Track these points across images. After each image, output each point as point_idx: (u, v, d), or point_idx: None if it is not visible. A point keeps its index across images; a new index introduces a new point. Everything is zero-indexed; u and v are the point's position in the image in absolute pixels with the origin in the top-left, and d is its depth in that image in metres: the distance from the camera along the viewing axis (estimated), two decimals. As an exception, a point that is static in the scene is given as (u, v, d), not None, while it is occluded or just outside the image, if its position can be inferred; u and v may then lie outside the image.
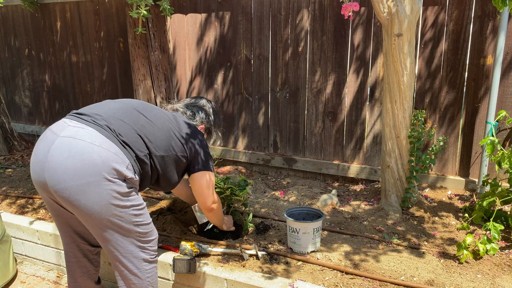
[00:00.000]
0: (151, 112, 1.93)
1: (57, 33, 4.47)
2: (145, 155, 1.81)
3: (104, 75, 4.29)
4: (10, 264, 2.54)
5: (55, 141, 1.67)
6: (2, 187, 3.34)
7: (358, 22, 3.10)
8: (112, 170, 1.66)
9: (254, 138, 3.67)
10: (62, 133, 1.69)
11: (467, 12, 2.80)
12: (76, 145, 1.65)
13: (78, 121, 1.75)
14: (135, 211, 1.76)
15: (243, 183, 2.50)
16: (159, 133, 1.88)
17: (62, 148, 1.65)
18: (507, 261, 2.13)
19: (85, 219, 1.70)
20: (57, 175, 1.63)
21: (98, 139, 1.68)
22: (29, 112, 4.95)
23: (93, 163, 1.63)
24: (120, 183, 1.69)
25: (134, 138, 1.78)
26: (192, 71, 3.80)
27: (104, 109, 1.84)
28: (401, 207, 2.71)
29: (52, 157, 1.65)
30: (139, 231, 1.78)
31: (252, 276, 2.00)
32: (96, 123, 1.74)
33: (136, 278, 1.83)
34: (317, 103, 3.35)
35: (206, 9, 3.61)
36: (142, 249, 1.82)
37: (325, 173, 3.40)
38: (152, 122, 1.89)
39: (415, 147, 2.66)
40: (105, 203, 1.65)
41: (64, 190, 1.63)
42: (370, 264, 2.10)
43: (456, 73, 2.91)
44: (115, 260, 1.80)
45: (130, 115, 1.84)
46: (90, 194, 1.63)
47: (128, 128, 1.79)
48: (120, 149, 1.72)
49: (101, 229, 1.71)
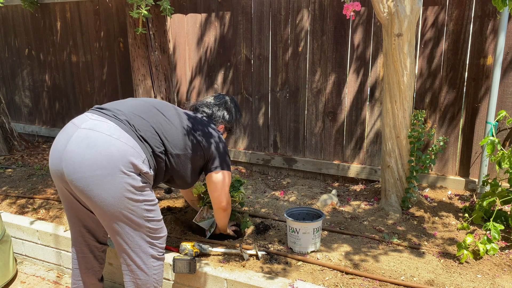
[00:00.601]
0: (170, 111, 1.99)
1: (57, 33, 4.47)
2: (161, 151, 1.87)
3: (104, 75, 4.29)
4: (10, 264, 2.54)
5: (75, 133, 1.72)
6: (2, 187, 3.34)
7: (358, 22, 3.10)
8: (128, 164, 1.70)
9: (254, 138, 3.67)
10: (82, 125, 1.74)
11: (467, 12, 2.80)
12: (94, 137, 1.69)
13: (99, 115, 1.80)
14: (147, 206, 1.78)
15: (237, 184, 2.49)
16: (176, 131, 1.93)
17: (81, 139, 1.69)
18: (507, 261, 2.13)
19: (98, 210, 1.72)
20: (74, 165, 1.66)
21: (117, 133, 1.73)
22: (29, 112, 4.95)
23: (110, 155, 1.67)
24: (135, 177, 1.72)
25: (151, 135, 1.83)
26: (192, 71, 3.80)
27: (125, 105, 1.90)
28: (401, 207, 2.71)
29: (71, 147, 1.69)
30: (149, 227, 1.80)
31: (252, 276, 2.00)
32: (117, 117, 1.79)
33: (142, 274, 1.84)
34: (317, 103, 3.35)
35: (206, 9, 3.61)
36: (151, 245, 1.84)
37: (325, 173, 3.40)
38: (170, 121, 1.94)
39: (415, 147, 2.66)
40: (119, 196, 1.68)
41: (79, 180, 1.66)
42: (370, 264, 2.10)
43: (456, 73, 2.91)
44: (123, 253, 1.81)
45: (149, 112, 1.90)
46: (105, 185, 1.66)
47: (146, 125, 1.84)
48: (137, 143, 1.76)
49: (112, 221, 1.73)
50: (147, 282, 1.86)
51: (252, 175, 3.63)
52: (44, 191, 3.21)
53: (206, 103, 2.28)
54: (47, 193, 3.16)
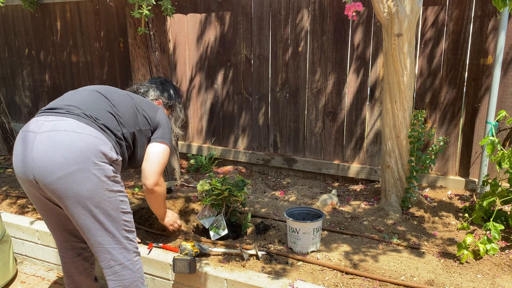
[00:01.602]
0: (115, 93, 1.95)
1: (57, 33, 4.47)
2: (121, 134, 1.84)
3: (104, 75, 4.29)
4: (10, 264, 2.54)
5: (35, 138, 1.67)
6: (2, 187, 3.34)
7: (358, 22, 3.10)
8: (99, 154, 1.68)
9: (254, 138, 3.67)
10: (41, 129, 1.69)
11: (467, 12, 2.80)
12: (59, 136, 1.66)
13: (54, 115, 1.74)
14: (121, 197, 1.77)
15: (241, 183, 2.50)
16: (126, 111, 1.90)
17: (45, 143, 1.65)
18: (507, 261, 2.13)
19: (75, 209, 1.68)
20: (46, 169, 1.62)
21: (79, 127, 1.69)
22: (29, 112, 4.95)
23: (80, 150, 1.64)
24: (107, 167, 1.70)
25: (109, 120, 1.81)
26: (192, 71, 3.80)
27: (72, 99, 1.85)
28: (401, 207, 2.71)
29: (38, 153, 1.64)
30: (125, 219, 1.79)
31: (252, 276, 2.00)
32: (72, 112, 1.75)
33: (128, 272, 1.81)
34: (317, 103, 3.35)
35: (206, 9, 3.61)
36: (128, 240, 1.81)
37: (325, 173, 3.40)
38: (118, 101, 1.90)
39: (415, 147, 2.66)
40: (96, 188, 1.66)
41: (55, 182, 1.62)
42: (370, 264, 2.10)
43: (456, 73, 2.91)
44: (105, 254, 1.76)
45: (98, 99, 1.86)
46: (81, 180, 1.63)
47: (101, 111, 1.81)
48: (100, 132, 1.73)
49: (91, 219, 1.70)
50: (133, 280, 1.83)
51: (252, 175, 3.63)
52: (44, 191, 3.21)
53: (142, 84, 2.27)
54: (47, 193, 3.16)
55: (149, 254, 2.24)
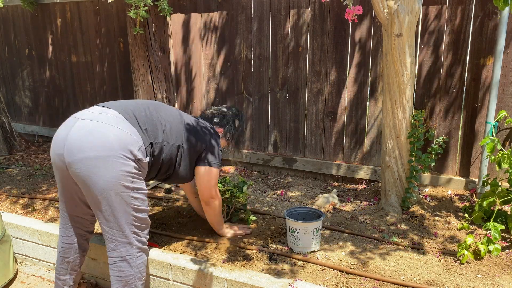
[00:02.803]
0: (170, 109, 2.16)
1: (57, 33, 4.47)
2: (159, 143, 1.98)
3: (104, 75, 4.29)
4: (10, 264, 2.54)
5: (75, 123, 1.85)
6: (3, 187, 3.34)
7: (358, 22, 3.10)
8: (125, 149, 1.80)
9: (254, 138, 3.67)
10: (82, 117, 1.88)
11: (467, 12, 2.80)
12: (93, 125, 1.82)
13: (100, 108, 1.94)
14: (137, 194, 1.86)
15: (242, 184, 2.50)
16: (176, 127, 2.08)
17: (80, 128, 1.82)
18: (507, 261, 2.13)
19: (90, 193, 1.81)
20: (73, 149, 1.78)
21: (115, 120, 1.86)
22: (29, 112, 4.95)
23: (107, 140, 1.78)
24: (129, 163, 1.82)
25: (151, 126, 1.97)
26: (192, 71, 3.80)
27: (125, 102, 2.04)
28: (401, 207, 2.71)
29: (71, 136, 1.81)
30: (136, 215, 1.87)
31: (252, 276, 2.01)
32: (117, 109, 1.93)
33: (126, 265, 1.88)
34: (317, 103, 3.35)
35: (206, 9, 3.61)
36: (135, 235, 1.90)
37: (325, 173, 3.40)
38: (170, 117, 2.09)
39: (415, 147, 2.66)
40: (112, 179, 1.77)
41: (76, 162, 1.77)
42: (370, 264, 2.10)
43: (456, 73, 2.91)
44: (109, 241, 1.88)
45: (147, 108, 2.04)
46: (100, 168, 1.76)
47: (146, 117, 1.98)
48: (136, 130, 1.89)
49: (102, 206, 1.81)
50: (130, 274, 1.90)
51: (252, 175, 3.64)
52: (44, 191, 3.21)
53: (214, 108, 2.43)
54: (47, 193, 3.16)
55: (150, 254, 2.24)
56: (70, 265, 2.10)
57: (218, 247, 2.27)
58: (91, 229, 2.13)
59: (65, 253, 2.09)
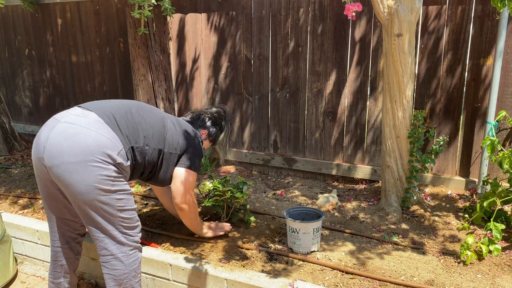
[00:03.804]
0: (149, 111, 2.10)
1: (57, 33, 4.47)
2: (140, 147, 1.95)
3: (104, 75, 4.29)
4: (10, 264, 2.54)
5: (55, 126, 1.82)
6: (3, 187, 3.34)
7: (358, 22, 3.10)
8: (104, 154, 1.78)
9: (254, 138, 3.67)
10: (63, 119, 1.84)
11: (467, 12, 2.80)
12: (72, 129, 1.80)
13: (81, 110, 1.91)
14: (120, 195, 1.84)
15: (242, 185, 2.50)
16: (154, 130, 2.03)
17: (60, 132, 1.80)
18: (507, 261, 2.13)
19: (72, 198, 1.80)
20: (53, 153, 1.77)
21: (95, 125, 1.82)
22: (29, 112, 4.95)
23: (85, 145, 1.76)
24: (109, 167, 1.79)
25: (132, 130, 1.93)
26: (192, 71, 3.80)
27: (106, 104, 2.00)
28: (401, 207, 2.71)
29: (51, 139, 1.79)
30: (122, 216, 1.85)
31: (252, 276, 2.00)
32: (97, 112, 1.89)
33: (119, 263, 1.87)
34: (317, 103, 3.35)
35: (206, 9, 3.61)
36: (125, 234, 1.88)
37: (325, 173, 3.40)
38: (151, 119, 2.05)
39: (415, 147, 2.66)
40: (92, 184, 1.75)
41: (57, 167, 1.75)
42: (370, 264, 2.10)
43: (456, 73, 2.91)
44: (98, 242, 1.86)
45: (129, 110, 2.00)
46: (79, 173, 1.74)
47: (127, 121, 1.94)
48: (116, 134, 1.85)
49: (86, 209, 1.80)
50: (125, 273, 1.88)
51: (252, 175, 3.64)
52: (44, 191, 3.21)
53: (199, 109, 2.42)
54: (47, 193, 3.16)
55: (149, 254, 2.25)
56: (64, 269, 2.08)
57: (218, 247, 2.27)
58: (82, 232, 2.10)
59: (57, 257, 2.07)
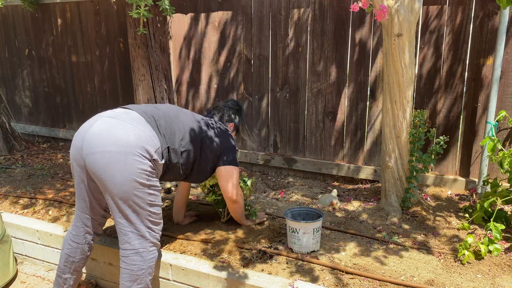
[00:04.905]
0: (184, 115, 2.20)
1: (57, 33, 4.47)
2: (175, 149, 2.04)
3: (104, 75, 4.29)
4: (10, 264, 2.54)
5: (97, 120, 1.94)
6: (3, 187, 3.34)
7: (358, 22, 3.10)
8: (143, 149, 1.86)
9: (254, 138, 3.67)
10: (105, 114, 1.97)
11: (467, 12, 2.80)
12: (114, 122, 1.90)
13: (123, 109, 2.03)
14: (152, 190, 1.92)
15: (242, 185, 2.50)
16: (191, 133, 2.13)
17: (102, 124, 1.90)
18: (507, 261, 2.13)
19: (106, 188, 1.85)
20: (92, 142, 1.85)
21: (137, 121, 1.93)
22: (29, 112, 4.95)
23: (126, 138, 1.85)
24: (146, 162, 1.87)
25: (169, 133, 2.03)
26: (192, 71, 3.80)
27: (146, 107, 2.11)
28: (401, 207, 2.71)
29: (93, 130, 1.89)
30: (151, 211, 1.92)
31: (252, 276, 2.01)
32: (139, 111, 2.01)
33: (139, 258, 1.91)
34: (317, 103, 3.35)
35: (206, 9, 3.61)
36: (149, 230, 1.94)
37: (325, 173, 3.40)
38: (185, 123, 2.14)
39: (415, 147, 2.66)
40: (130, 176, 1.83)
41: (94, 154, 1.83)
42: (370, 264, 2.10)
43: (456, 73, 2.91)
44: (123, 234, 1.91)
45: (167, 114, 2.11)
46: (116, 163, 1.81)
47: (165, 123, 2.04)
48: (155, 133, 1.95)
49: (117, 200, 1.86)
50: (142, 268, 1.91)
51: (252, 175, 3.63)
52: (44, 191, 3.21)
53: (217, 105, 2.50)
54: (47, 193, 3.16)
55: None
56: (74, 265, 2.11)
57: (218, 247, 2.27)
58: (98, 231, 2.15)
59: (72, 252, 2.09)
